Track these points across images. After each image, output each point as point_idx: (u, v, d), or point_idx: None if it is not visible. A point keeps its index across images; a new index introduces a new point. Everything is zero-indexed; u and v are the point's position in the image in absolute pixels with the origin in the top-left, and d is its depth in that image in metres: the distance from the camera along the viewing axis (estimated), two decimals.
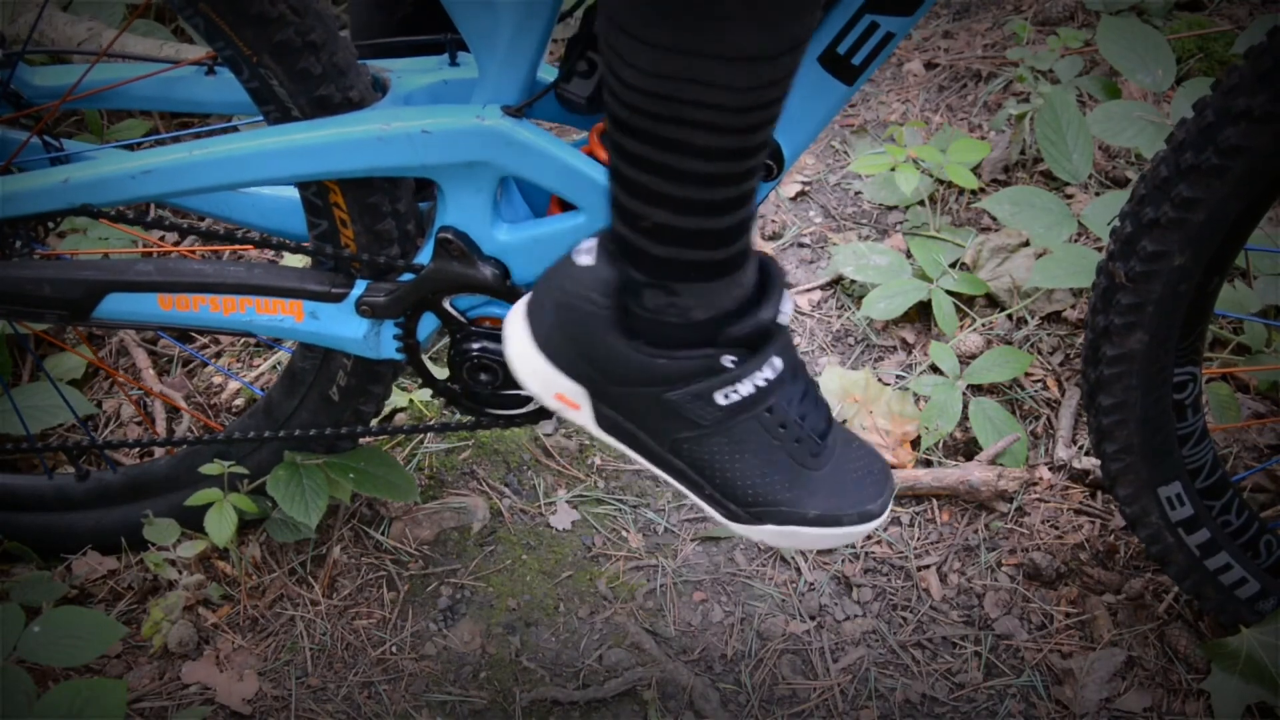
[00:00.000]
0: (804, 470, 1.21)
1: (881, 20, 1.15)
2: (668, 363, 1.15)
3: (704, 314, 1.13)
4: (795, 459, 1.21)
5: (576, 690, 1.49)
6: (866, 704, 1.49)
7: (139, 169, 1.27)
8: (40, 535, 1.61)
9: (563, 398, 1.22)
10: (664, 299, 1.13)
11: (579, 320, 1.16)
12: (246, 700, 1.47)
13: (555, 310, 1.17)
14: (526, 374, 1.22)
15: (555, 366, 1.20)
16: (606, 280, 1.13)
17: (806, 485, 1.22)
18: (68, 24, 2.12)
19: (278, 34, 1.20)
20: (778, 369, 1.17)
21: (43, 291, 1.35)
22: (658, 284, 1.12)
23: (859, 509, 1.23)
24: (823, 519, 1.22)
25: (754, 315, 1.14)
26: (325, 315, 1.36)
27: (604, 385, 1.19)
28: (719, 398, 1.17)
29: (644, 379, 1.17)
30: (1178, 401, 1.34)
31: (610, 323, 1.15)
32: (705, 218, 1.08)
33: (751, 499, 1.22)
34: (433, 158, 1.24)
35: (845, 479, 1.24)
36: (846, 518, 1.23)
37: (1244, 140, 1.16)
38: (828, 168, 2.26)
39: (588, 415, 1.22)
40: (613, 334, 1.15)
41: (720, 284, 1.13)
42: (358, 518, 1.65)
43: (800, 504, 1.22)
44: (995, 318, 1.92)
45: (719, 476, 1.21)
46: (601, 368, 1.17)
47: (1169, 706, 1.47)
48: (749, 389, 1.17)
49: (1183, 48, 2.25)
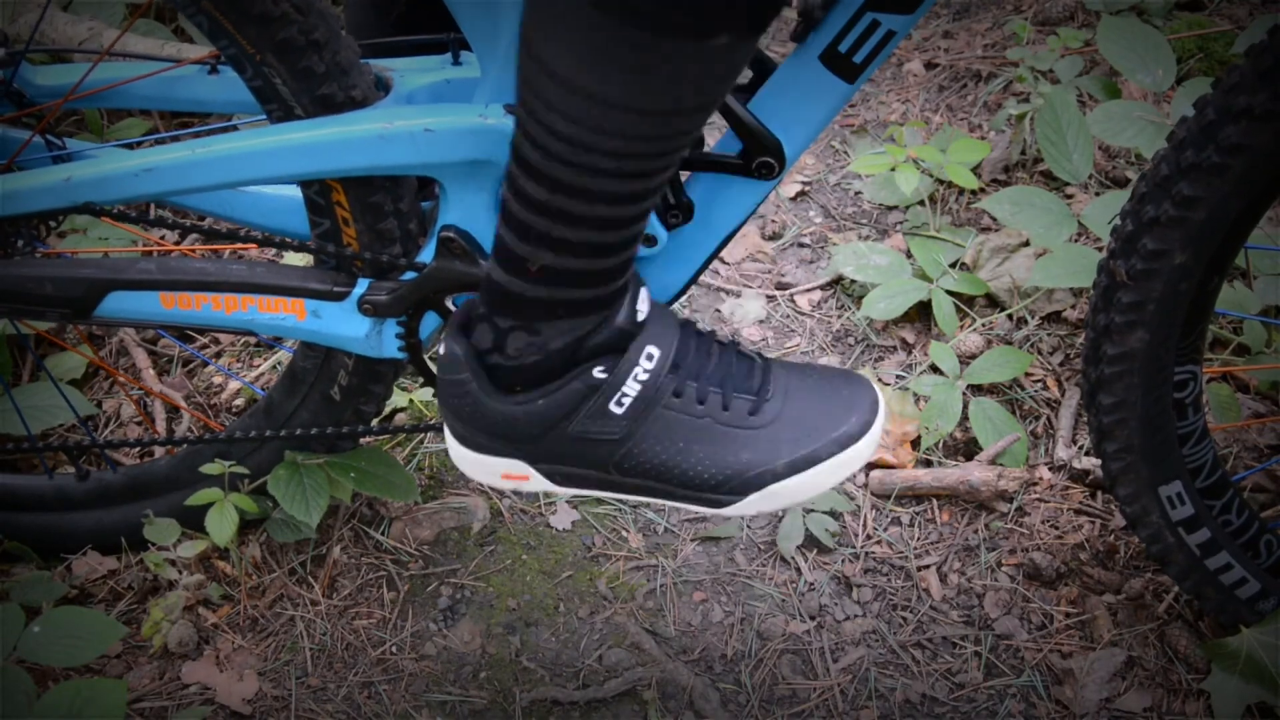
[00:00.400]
0: (748, 431, 1.19)
1: (882, 18, 1.15)
2: (547, 401, 1.17)
3: (561, 342, 1.14)
4: (732, 425, 1.19)
5: (576, 690, 1.49)
6: (866, 704, 1.49)
7: (141, 167, 1.27)
8: (40, 535, 1.61)
9: (509, 475, 1.24)
10: (524, 340, 1.14)
11: (464, 402, 1.18)
12: (246, 700, 1.47)
13: (447, 406, 1.20)
14: (469, 471, 1.25)
15: (482, 454, 1.22)
16: (458, 355, 1.16)
17: (761, 442, 1.19)
18: (69, 23, 2.12)
19: (281, 32, 1.20)
20: (655, 357, 1.16)
21: (44, 290, 1.35)
22: (522, 325, 1.13)
23: (832, 436, 1.20)
24: (795, 464, 1.19)
25: (607, 328, 1.15)
26: (327, 314, 1.36)
27: (525, 447, 1.20)
28: (613, 408, 1.17)
29: (542, 426, 1.18)
30: (1178, 400, 1.34)
31: (481, 392, 1.17)
32: (594, 258, 1.09)
33: (718, 481, 1.20)
34: (435, 156, 1.24)
35: (805, 416, 1.20)
36: (822, 451, 1.20)
37: (1245, 138, 1.16)
38: (828, 168, 2.26)
39: (540, 481, 1.24)
40: (490, 399, 1.17)
41: (588, 318, 1.14)
42: (358, 518, 1.65)
43: (765, 462, 1.19)
44: (995, 318, 1.92)
45: (674, 475, 1.21)
46: (507, 435, 1.19)
47: (1169, 706, 1.47)
48: (635, 387, 1.16)
49: (1183, 48, 2.25)
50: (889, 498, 1.70)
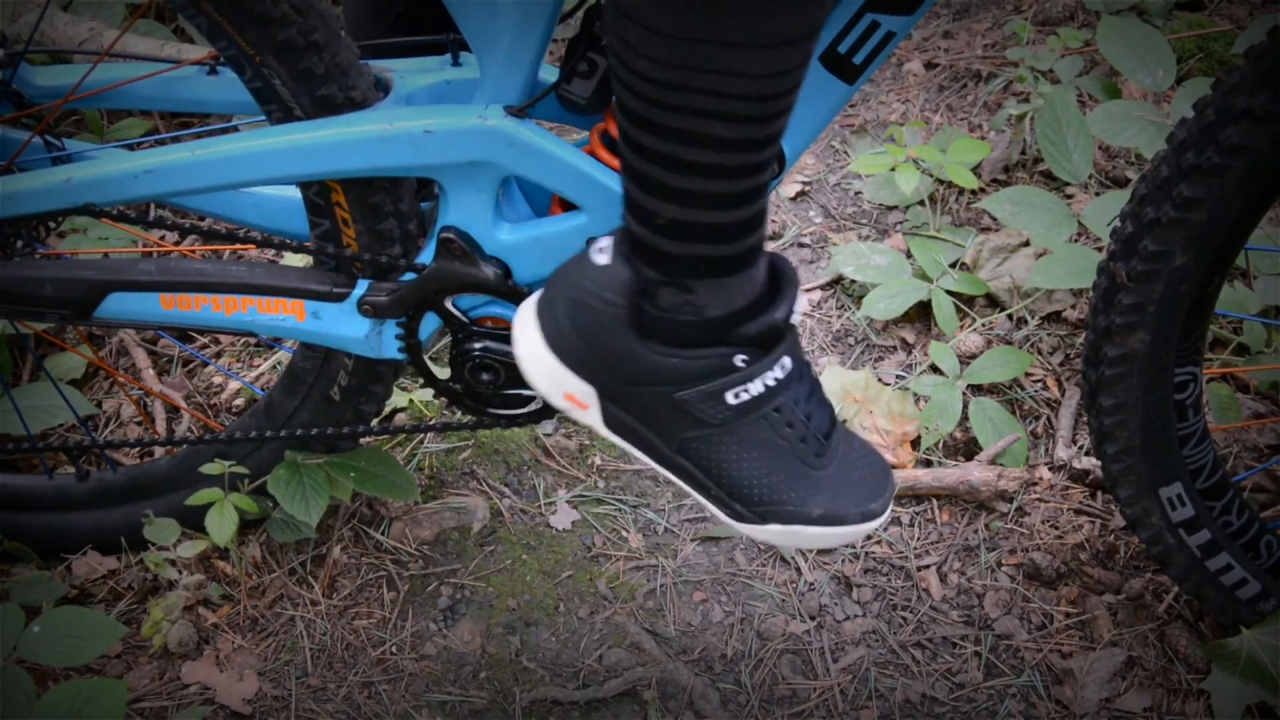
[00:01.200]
0: (809, 470, 1.21)
1: (882, 19, 1.15)
2: (680, 362, 1.15)
3: (718, 311, 1.13)
4: (800, 459, 1.21)
5: (576, 690, 1.49)
6: (866, 704, 1.49)
7: (141, 168, 1.27)
8: (40, 535, 1.61)
9: (572, 398, 1.22)
10: (679, 297, 1.13)
11: (593, 319, 1.16)
12: (246, 700, 1.47)
13: (568, 309, 1.17)
14: (536, 374, 1.22)
15: (566, 366, 1.20)
16: (623, 280, 1.13)
17: (811, 485, 1.22)
18: (69, 24, 2.12)
19: (280, 33, 1.20)
20: (787, 368, 1.18)
21: (44, 291, 1.35)
22: (672, 281, 1.12)
23: (862, 508, 1.23)
24: (827, 518, 1.22)
25: (767, 314, 1.15)
26: (327, 315, 1.36)
27: (614, 385, 1.19)
28: (729, 397, 1.17)
29: (656, 379, 1.17)
30: (1179, 402, 1.34)
31: (624, 322, 1.15)
32: (719, 211, 1.08)
33: (757, 499, 1.22)
34: (435, 157, 1.24)
35: (848, 478, 1.24)
36: (850, 517, 1.23)
37: (1245, 139, 1.16)
38: (828, 168, 2.26)
39: (595, 415, 1.22)
40: (626, 333, 1.15)
41: (735, 280, 1.13)
42: (358, 518, 1.65)
43: (805, 503, 1.22)
44: (995, 318, 1.92)
45: (725, 477, 1.21)
46: (613, 367, 1.17)
47: (1169, 706, 1.47)
48: (759, 388, 1.17)
49: (1183, 48, 2.25)
50: None
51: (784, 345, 1.17)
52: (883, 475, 1.26)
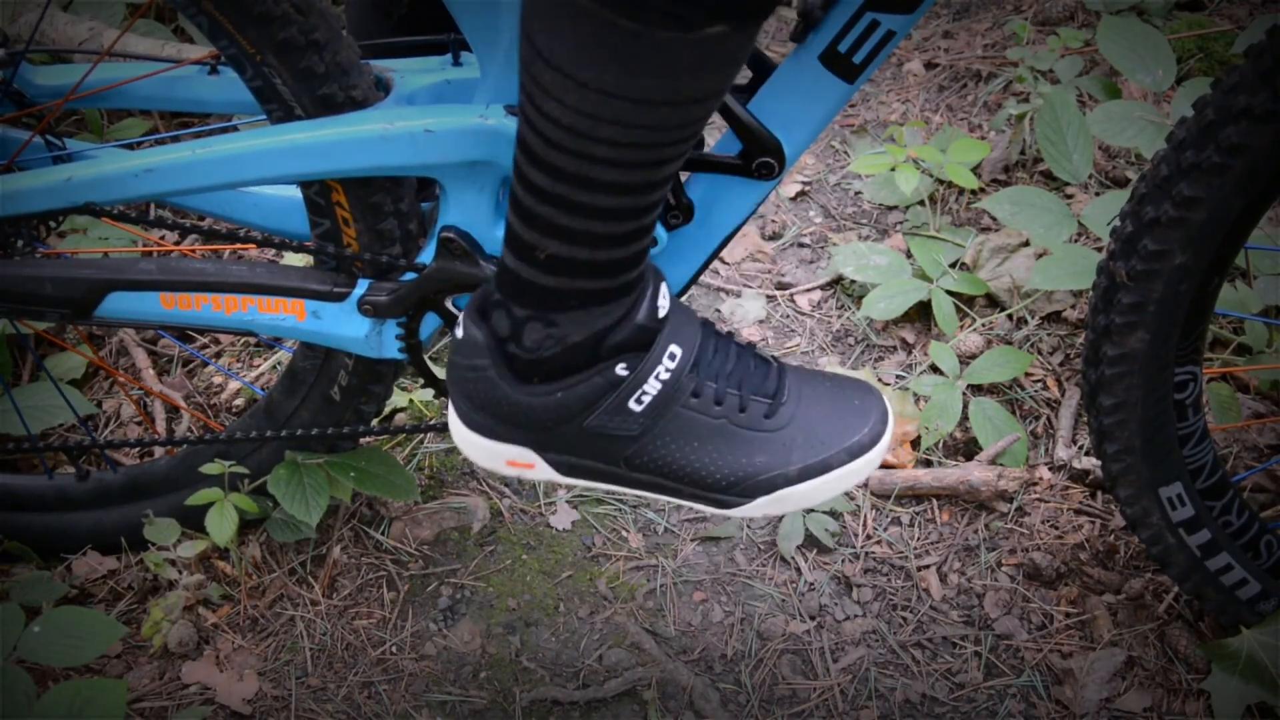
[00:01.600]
0: (763, 434, 1.20)
1: (882, 18, 1.15)
2: (565, 394, 1.16)
3: (580, 336, 1.14)
4: (749, 427, 1.19)
5: (576, 690, 1.49)
6: (866, 704, 1.49)
7: (141, 168, 1.27)
8: (40, 535, 1.61)
9: (514, 463, 1.23)
10: (542, 331, 1.13)
11: (477, 389, 1.18)
12: (246, 700, 1.47)
13: (461, 389, 1.19)
14: (473, 455, 1.24)
15: (490, 439, 1.21)
16: (478, 342, 1.15)
17: (775, 446, 1.20)
18: (69, 24, 2.12)
19: (281, 32, 1.20)
20: (678, 356, 1.16)
21: (45, 290, 1.35)
22: (538, 316, 1.13)
23: (843, 445, 1.21)
24: (808, 470, 1.20)
25: (628, 320, 1.14)
26: (327, 314, 1.36)
27: (537, 437, 1.20)
28: (633, 405, 1.16)
29: (557, 417, 1.18)
30: (1178, 401, 1.34)
31: (498, 379, 1.16)
32: (600, 249, 1.08)
33: (727, 482, 1.21)
34: (435, 157, 1.24)
35: (818, 422, 1.21)
36: (834, 459, 1.20)
37: (1245, 138, 1.16)
38: (828, 168, 2.26)
39: (546, 469, 1.23)
40: (507, 387, 1.16)
41: (604, 309, 1.13)
42: (358, 518, 1.65)
43: (777, 465, 1.20)
44: (995, 318, 1.92)
45: (685, 473, 1.21)
46: (520, 422, 1.19)
47: (1169, 706, 1.47)
48: (655, 385, 1.16)
49: (1183, 48, 2.25)
50: (889, 498, 1.70)
51: (661, 339, 1.16)
52: (862, 407, 1.23)
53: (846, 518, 1.68)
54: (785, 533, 1.65)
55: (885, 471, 1.72)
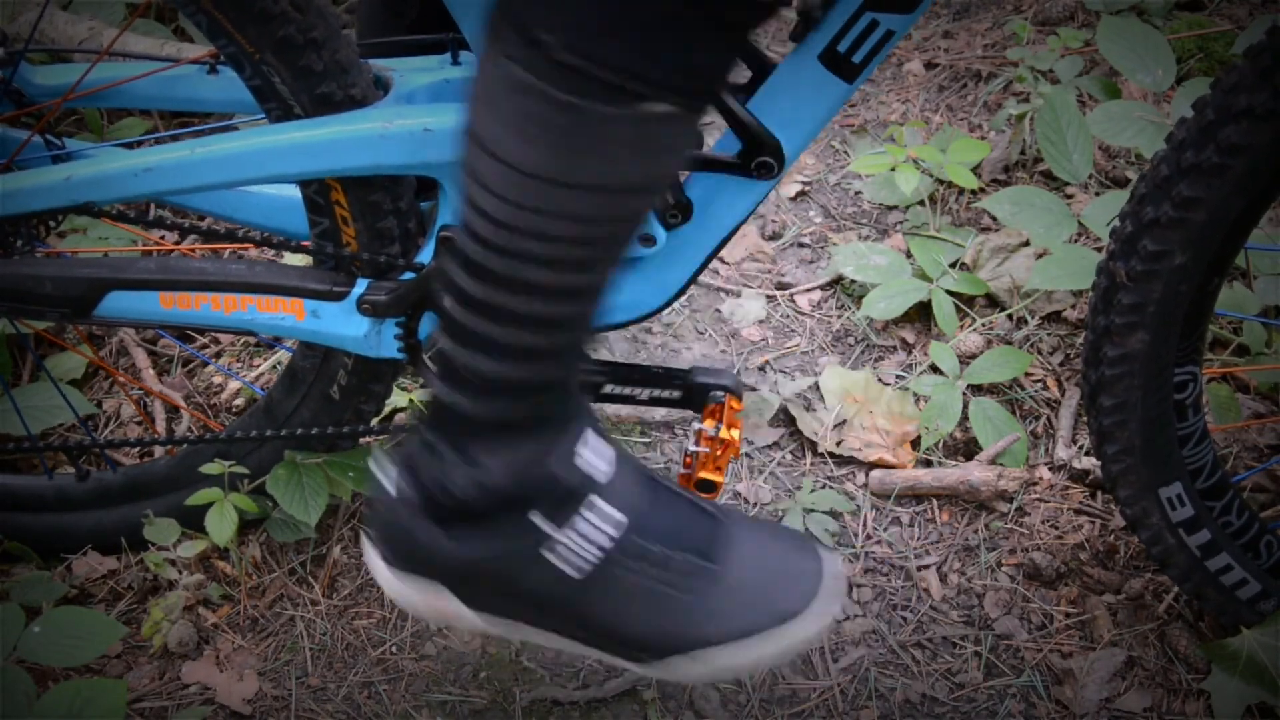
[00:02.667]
0: (697, 595, 1.13)
1: (881, 18, 1.15)
2: (484, 541, 1.11)
3: (505, 482, 1.08)
4: (682, 588, 1.13)
5: (576, 690, 1.49)
6: (866, 704, 1.49)
7: (141, 166, 1.27)
8: (40, 535, 1.61)
9: (433, 603, 1.17)
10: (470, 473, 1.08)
11: (396, 530, 1.13)
12: (246, 700, 1.47)
13: (380, 530, 1.15)
14: (400, 599, 1.18)
15: (411, 577, 1.16)
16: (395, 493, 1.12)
17: (699, 610, 1.13)
18: (68, 23, 2.12)
19: (280, 31, 1.20)
20: (620, 524, 1.11)
21: (44, 289, 1.35)
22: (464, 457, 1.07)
23: (771, 611, 1.14)
24: (731, 636, 1.13)
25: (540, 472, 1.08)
26: (326, 314, 1.36)
27: (460, 587, 1.15)
28: (552, 558, 1.11)
29: (477, 561, 1.12)
30: (1178, 402, 1.34)
31: (418, 521, 1.11)
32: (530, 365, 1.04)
33: (655, 643, 1.14)
34: (435, 156, 1.24)
35: (751, 587, 1.14)
36: (760, 626, 1.13)
37: (1245, 138, 1.16)
38: (828, 168, 2.26)
39: (462, 610, 1.17)
40: (426, 529, 1.11)
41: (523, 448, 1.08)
42: (358, 517, 1.65)
43: (701, 628, 1.13)
44: (995, 318, 1.92)
45: (607, 632, 1.15)
46: (438, 564, 1.14)
47: (1169, 706, 1.47)
48: (589, 552, 1.11)
49: (1183, 48, 2.25)
50: (889, 498, 1.70)
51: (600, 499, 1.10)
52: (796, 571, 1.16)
53: (846, 518, 1.68)
54: None
55: (885, 471, 1.72)
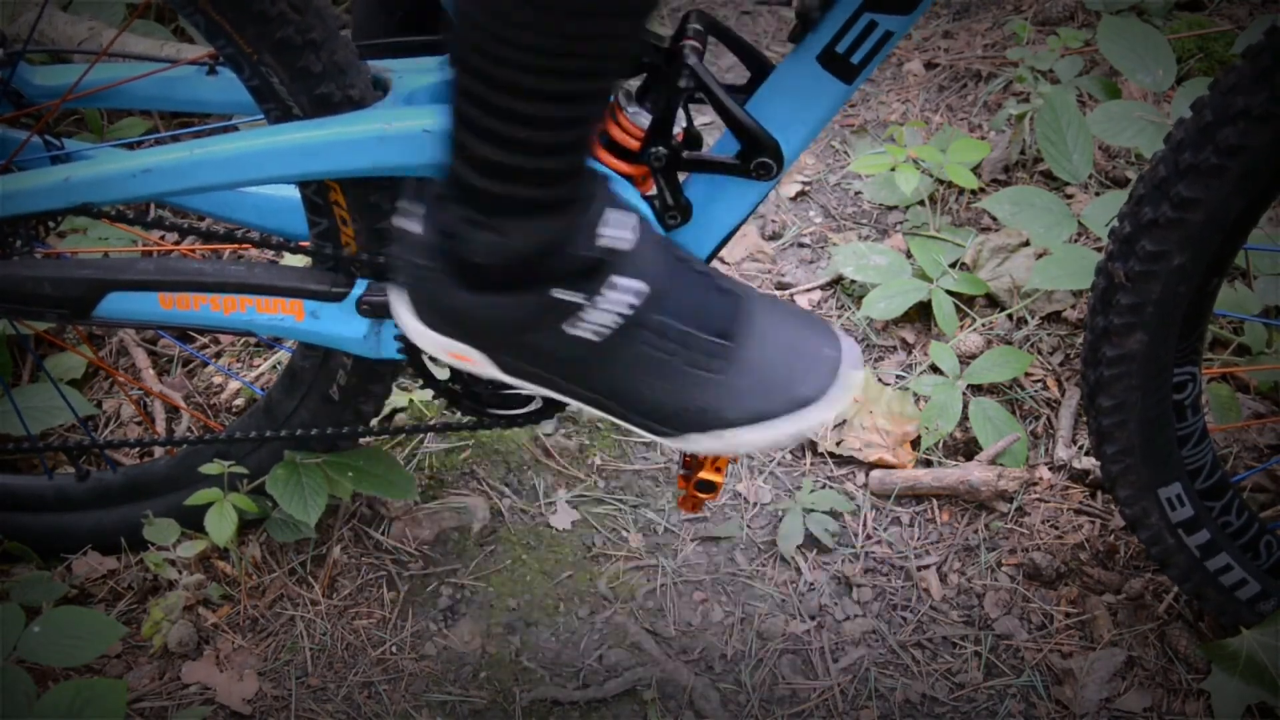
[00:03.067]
0: (715, 373, 1.18)
1: (880, 19, 1.15)
2: (507, 309, 1.14)
3: (523, 248, 1.11)
4: (701, 365, 1.18)
5: (576, 690, 1.49)
6: (866, 704, 1.49)
7: (140, 168, 1.27)
8: (40, 535, 1.61)
9: (458, 355, 1.20)
10: (489, 237, 1.11)
11: (424, 286, 1.16)
12: (246, 700, 1.47)
13: (413, 287, 1.17)
14: (422, 344, 1.21)
15: (436, 333, 1.19)
16: (426, 242, 1.13)
17: (724, 388, 1.18)
18: (68, 23, 2.12)
19: (278, 32, 1.20)
20: (642, 292, 1.15)
21: (43, 290, 1.35)
22: (485, 223, 1.10)
23: (788, 396, 1.19)
24: (753, 418, 1.19)
25: (568, 247, 1.12)
26: (326, 314, 1.36)
27: (479, 339, 1.18)
28: (575, 331, 1.15)
29: (501, 326, 1.16)
30: (1178, 402, 1.34)
31: (445, 280, 1.14)
32: (532, 158, 1.07)
33: (672, 416, 1.19)
34: (434, 157, 1.24)
35: (769, 370, 1.20)
36: (777, 411, 1.19)
37: (1243, 139, 1.16)
38: (828, 168, 2.26)
39: (488, 366, 1.21)
40: (452, 289, 1.14)
41: (543, 222, 1.11)
42: (358, 518, 1.65)
43: (724, 409, 1.19)
44: (995, 318, 1.92)
45: (631, 400, 1.19)
46: (462, 323, 1.17)
47: (1169, 706, 1.47)
48: (609, 319, 1.15)
49: (1183, 48, 2.25)
50: (889, 498, 1.70)
51: (622, 271, 1.14)
52: (814, 354, 1.21)
53: (846, 518, 1.68)
54: (785, 533, 1.65)
55: (885, 471, 1.72)
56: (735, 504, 1.70)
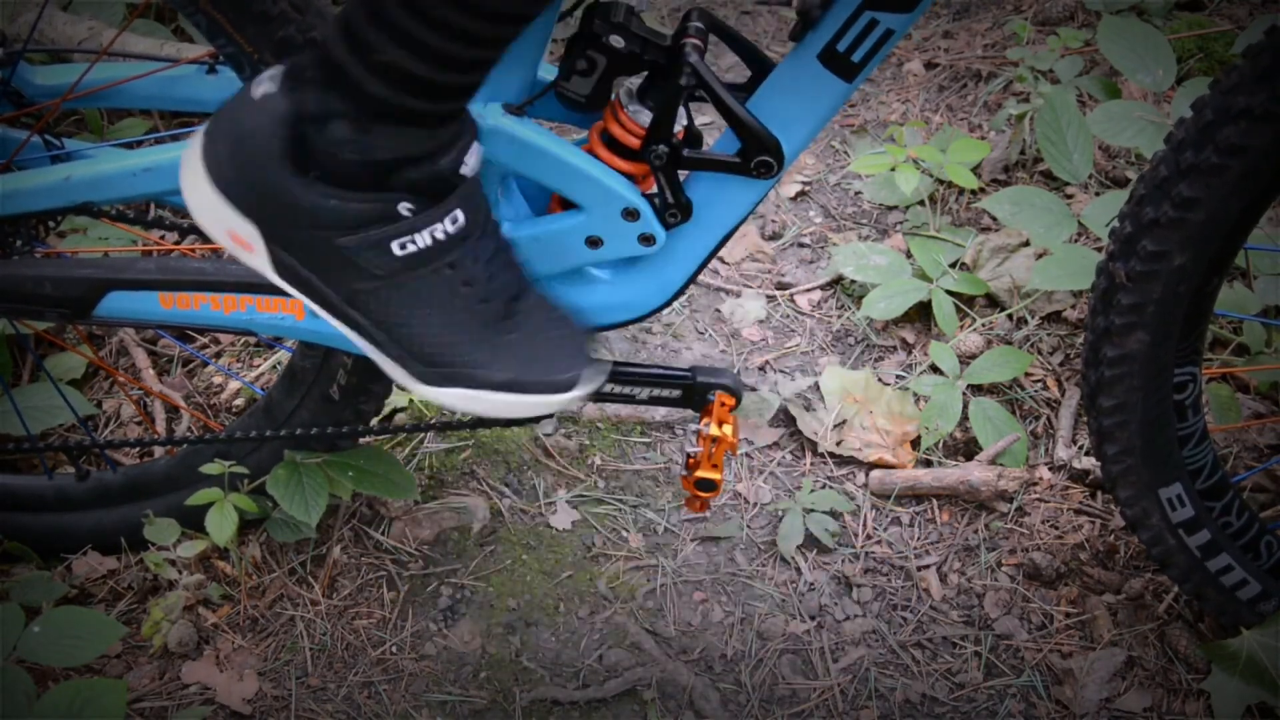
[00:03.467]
0: (490, 333, 1.19)
1: (881, 17, 1.15)
2: (339, 204, 1.11)
3: (386, 155, 1.09)
4: (481, 320, 1.18)
5: (576, 690, 1.49)
6: (866, 704, 1.49)
7: (140, 167, 1.27)
8: (40, 535, 1.61)
9: (236, 237, 1.16)
10: (350, 133, 1.08)
11: (252, 151, 1.11)
12: (246, 700, 1.47)
13: (228, 141, 1.12)
14: (198, 209, 1.15)
15: (227, 201, 1.14)
16: (281, 110, 1.09)
17: (493, 349, 1.19)
18: (68, 23, 2.12)
19: (279, 31, 1.21)
20: (459, 223, 1.14)
21: (44, 290, 1.35)
22: (353, 118, 1.08)
23: (547, 378, 1.21)
24: (509, 385, 1.20)
25: (433, 162, 1.11)
26: None
27: (277, 226, 1.14)
28: (395, 247, 1.13)
29: (316, 221, 1.12)
30: (1178, 402, 1.34)
31: (282, 154, 1.10)
32: (439, 71, 1.05)
33: (436, 358, 1.19)
34: None
35: (538, 347, 1.21)
36: (533, 385, 1.20)
37: (1243, 139, 1.16)
38: (828, 168, 2.26)
39: (263, 258, 1.16)
40: (284, 167, 1.10)
41: (416, 132, 1.09)
42: (358, 518, 1.65)
43: (486, 367, 1.19)
44: (995, 318, 1.92)
45: (401, 333, 1.18)
46: (273, 206, 1.12)
47: (1169, 706, 1.47)
48: (427, 240, 1.13)
49: (1183, 48, 2.25)
50: (889, 498, 1.70)
51: (455, 198, 1.13)
52: (577, 351, 1.23)
53: (846, 518, 1.68)
54: (785, 533, 1.65)
55: (885, 471, 1.72)
56: (735, 504, 1.70)
